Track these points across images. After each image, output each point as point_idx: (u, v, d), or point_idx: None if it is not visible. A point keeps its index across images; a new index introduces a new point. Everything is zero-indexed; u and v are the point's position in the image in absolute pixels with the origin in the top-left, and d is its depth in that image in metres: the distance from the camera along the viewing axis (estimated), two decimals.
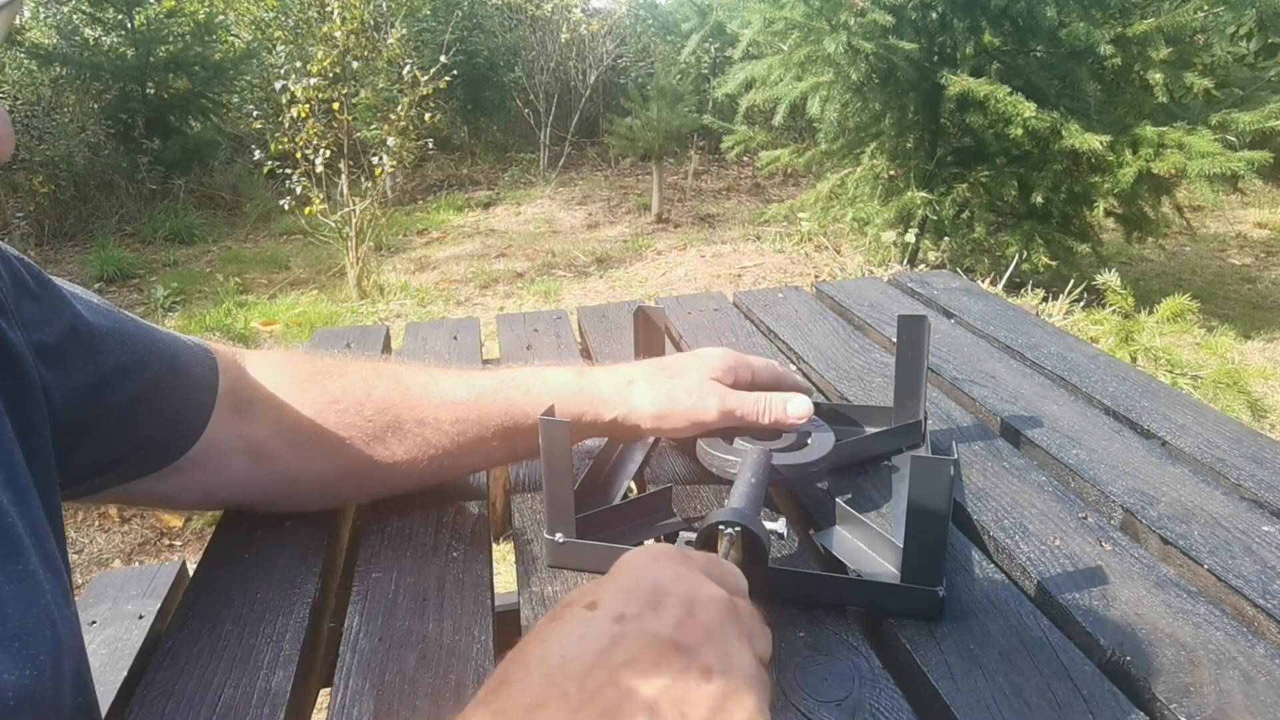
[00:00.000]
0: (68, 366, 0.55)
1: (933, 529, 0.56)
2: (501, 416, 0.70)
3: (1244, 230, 5.23)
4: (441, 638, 0.59)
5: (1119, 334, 2.78)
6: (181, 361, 0.64)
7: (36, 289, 0.55)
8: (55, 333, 0.55)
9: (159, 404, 0.62)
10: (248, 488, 0.70)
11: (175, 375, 0.63)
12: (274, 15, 6.13)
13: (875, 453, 0.79)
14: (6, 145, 0.37)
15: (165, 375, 0.62)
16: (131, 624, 0.86)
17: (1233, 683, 0.52)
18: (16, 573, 0.44)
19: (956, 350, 1.03)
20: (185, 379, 0.64)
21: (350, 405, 0.69)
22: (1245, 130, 3.43)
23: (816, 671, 0.55)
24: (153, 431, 0.62)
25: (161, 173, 5.68)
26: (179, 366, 0.64)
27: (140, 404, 0.60)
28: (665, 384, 0.71)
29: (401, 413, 0.69)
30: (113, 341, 0.59)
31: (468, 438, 0.70)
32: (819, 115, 4.09)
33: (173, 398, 0.63)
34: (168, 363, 0.63)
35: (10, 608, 0.42)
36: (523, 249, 5.06)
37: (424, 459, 0.70)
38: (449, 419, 0.70)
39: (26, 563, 0.45)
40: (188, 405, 0.64)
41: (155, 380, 0.61)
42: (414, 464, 0.70)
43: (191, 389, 0.65)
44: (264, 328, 3.84)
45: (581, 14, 7.40)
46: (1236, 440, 0.79)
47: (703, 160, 6.91)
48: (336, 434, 0.68)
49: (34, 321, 0.53)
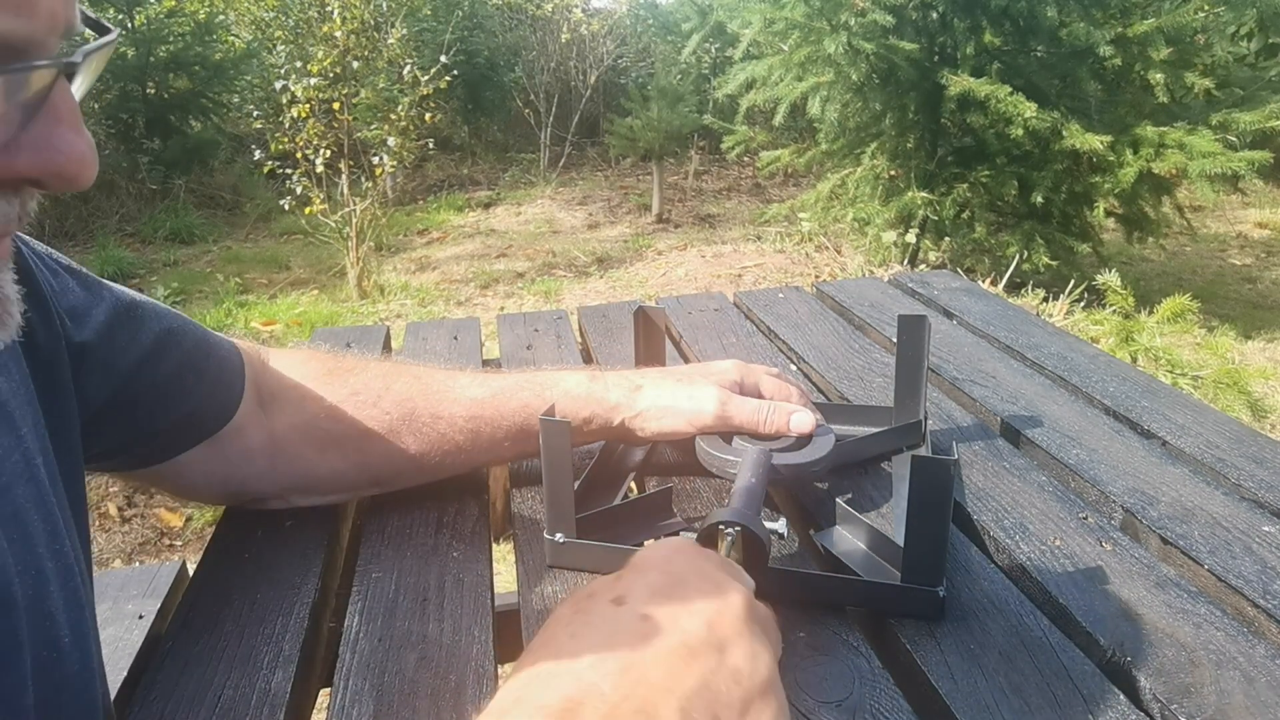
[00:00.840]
0: (115, 346, 0.58)
1: (933, 529, 0.56)
2: (515, 416, 0.71)
3: (1244, 230, 5.23)
4: (441, 638, 0.59)
5: (1119, 334, 2.78)
6: (211, 342, 0.67)
7: (76, 285, 0.57)
8: (102, 314, 0.57)
9: (193, 379, 0.64)
10: (264, 479, 0.71)
11: (207, 354, 0.66)
12: (274, 15, 6.13)
13: (875, 453, 0.79)
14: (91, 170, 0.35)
15: (197, 352, 0.65)
16: (131, 624, 0.86)
17: (1233, 683, 0.52)
18: (56, 551, 0.46)
19: (957, 350, 1.03)
20: (216, 359, 0.66)
21: (369, 398, 0.71)
22: (1246, 130, 3.43)
23: (816, 671, 0.55)
24: (191, 406, 0.64)
25: (162, 172, 5.68)
26: (209, 346, 0.66)
27: (178, 378, 0.63)
28: (671, 389, 0.72)
29: (419, 407, 0.71)
30: (150, 312, 0.62)
31: (482, 435, 0.72)
32: (819, 115, 4.09)
33: (206, 375, 0.65)
34: (198, 340, 0.65)
35: (53, 584, 0.44)
36: (523, 249, 5.06)
37: (437, 454, 0.72)
38: (464, 415, 0.71)
39: (63, 543, 0.47)
40: (219, 385, 0.66)
41: (190, 355, 0.64)
42: (426, 458, 0.72)
43: (223, 370, 0.67)
44: (264, 328, 3.84)
45: (582, 14, 7.40)
46: (1237, 440, 0.79)
47: (703, 160, 6.91)
48: (353, 427, 0.70)
49: (80, 310, 0.56)
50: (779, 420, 0.70)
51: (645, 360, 0.86)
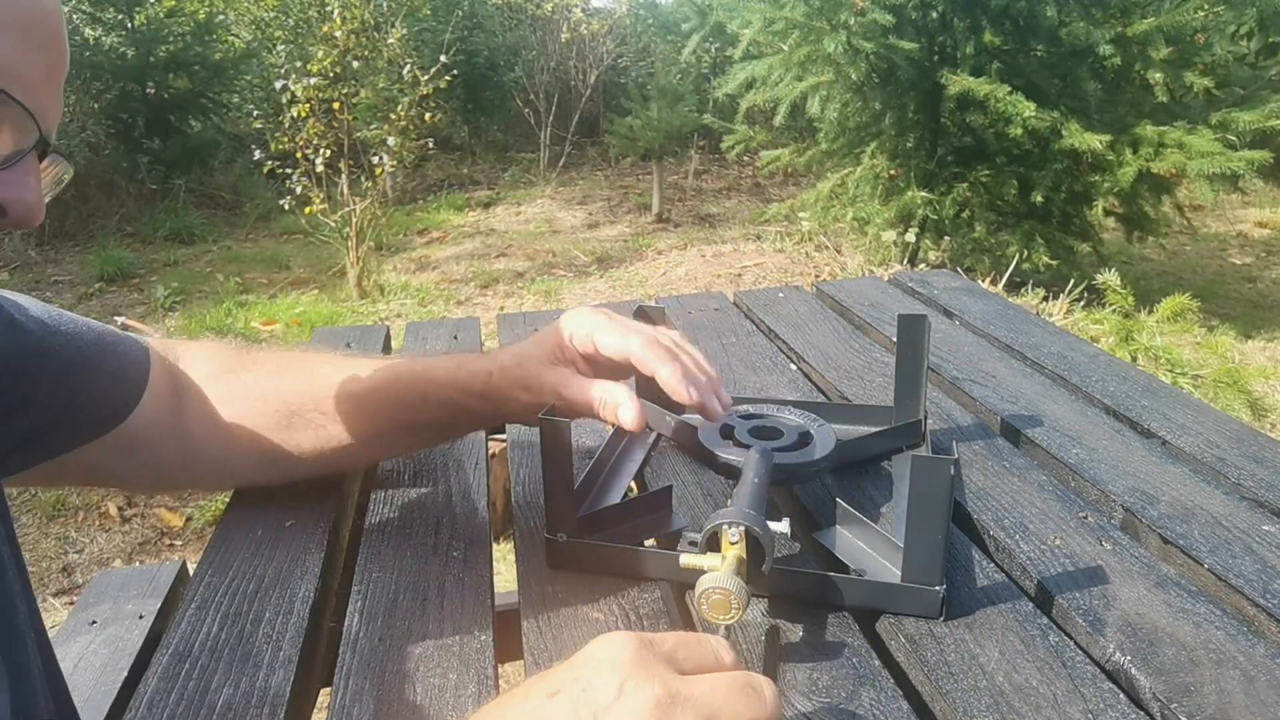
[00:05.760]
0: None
1: (933, 528, 0.56)
2: (395, 409, 0.72)
3: (1244, 230, 5.23)
4: (441, 638, 0.59)
5: (1119, 333, 2.78)
6: (108, 343, 0.68)
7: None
8: None
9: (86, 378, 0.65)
10: (181, 470, 0.74)
11: (103, 354, 0.67)
12: (274, 15, 6.13)
13: (875, 452, 0.79)
14: (40, 215, 0.45)
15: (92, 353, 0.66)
16: (131, 624, 0.86)
17: (1233, 682, 0.52)
18: None
19: (957, 350, 1.03)
20: (114, 358, 0.68)
21: (258, 394, 0.73)
22: (1245, 130, 3.43)
23: (816, 671, 0.55)
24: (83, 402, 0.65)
25: (162, 172, 5.68)
26: (106, 347, 0.68)
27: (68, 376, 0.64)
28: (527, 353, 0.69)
29: (304, 403, 0.72)
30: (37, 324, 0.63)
31: (364, 429, 0.73)
32: (819, 115, 4.08)
33: (100, 374, 0.67)
34: (93, 342, 0.67)
35: None
36: (523, 249, 5.06)
37: (328, 449, 0.73)
38: (348, 410, 0.72)
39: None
40: (116, 383, 0.68)
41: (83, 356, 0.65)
42: (319, 454, 0.73)
43: (121, 368, 0.68)
44: (264, 327, 3.84)
45: (582, 14, 7.39)
46: (1237, 439, 0.79)
47: (703, 160, 6.90)
48: (246, 422, 0.72)
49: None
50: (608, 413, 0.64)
51: None
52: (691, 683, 0.40)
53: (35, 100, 0.44)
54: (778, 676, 0.54)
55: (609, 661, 0.40)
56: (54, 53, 0.45)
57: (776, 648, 0.55)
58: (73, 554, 2.24)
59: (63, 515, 2.40)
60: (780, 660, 0.56)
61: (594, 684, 0.40)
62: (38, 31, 0.44)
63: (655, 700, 0.39)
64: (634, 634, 0.42)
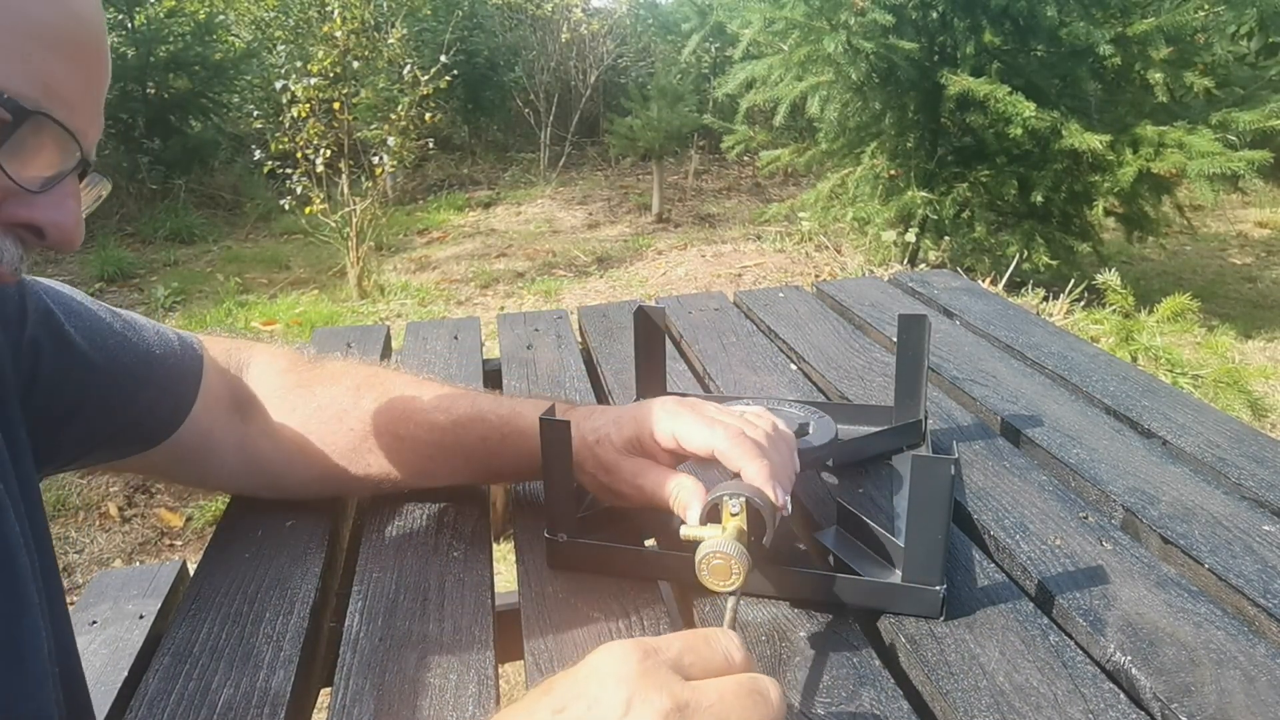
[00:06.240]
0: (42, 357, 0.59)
1: (933, 528, 0.56)
2: (475, 450, 0.72)
3: (1245, 230, 5.23)
4: (441, 638, 0.59)
5: (1119, 333, 2.78)
6: (157, 355, 0.67)
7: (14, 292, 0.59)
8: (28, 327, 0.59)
9: (131, 394, 0.65)
10: (238, 478, 0.74)
11: (150, 367, 0.67)
12: (274, 15, 6.13)
13: (876, 452, 0.79)
14: (79, 237, 0.46)
15: (139, 367, 0.66)
16: (132, 624, 0.86)
17: (1233, 682, 0.52)
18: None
19: (957, 350, 1.03)
20: (162, 371, 0.67)
21: (335, 413, 0.72)
22: (1246, 130, 3.42)
23: (817, 671, 0.55)
24: (127, 419, 0.66)
25: (162, 172, 5.68)
26: (154, 360, 0.67)
27: (112, 392, 0.64)
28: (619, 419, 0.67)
29: (381, 427, 0.71)
30: (86, 336, 0.63)
31: (438, 461, 0.72)
32: (819, 115, 4.08)
33: (149, 388, 0.66)
34: (141, 356, 0.66)
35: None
36: (523, 249, 5.06)
37: (398, 474, 0.73)
38: (426, 440, 0.71)
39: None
40: (164, 396, 0.67)
41: (128, 370, 0.65)
42: (387, 476, 0.73)
43: (169, 380, 0.68)
44: (264, 327, 3.84)
45: (582, 14, 7.38)
46: (1237, 439, 0.79)
47: (703, 160, 6.90)
48: (317, 440, 0.71)
49: (11, 319, 0.58)
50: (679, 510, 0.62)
51: (645, 360, 0.86)
52: (699, 690, 0.40)
53: (76, 120, 0.43)
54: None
55: (614, 674, 0.40)
56: (96, 71, 0.44)
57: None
58: (73, 554, 2.24)
59: (63, 515, 2.40)
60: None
61: (600, 699, 0.39)
62: (79, 51, 0.43)
63: (663, 713, 0.39)
64: (638, 642, 0.42)
